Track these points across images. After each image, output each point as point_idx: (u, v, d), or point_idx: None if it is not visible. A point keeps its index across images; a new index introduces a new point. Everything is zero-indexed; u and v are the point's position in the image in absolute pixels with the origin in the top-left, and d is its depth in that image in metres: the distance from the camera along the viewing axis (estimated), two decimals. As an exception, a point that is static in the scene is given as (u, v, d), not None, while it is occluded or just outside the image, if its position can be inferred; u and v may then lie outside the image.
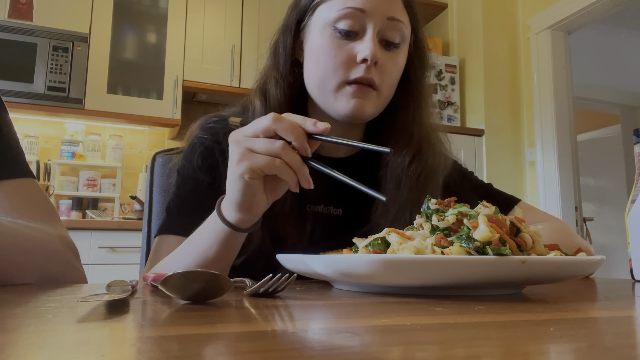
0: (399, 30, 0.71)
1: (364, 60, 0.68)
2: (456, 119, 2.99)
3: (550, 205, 2.70)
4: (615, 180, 4.66)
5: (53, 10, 2.50)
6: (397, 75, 0.74)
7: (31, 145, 2.61)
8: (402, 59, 0.74)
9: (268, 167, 0.52)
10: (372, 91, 0.70)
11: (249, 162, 0.53)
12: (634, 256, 0.69)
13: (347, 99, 0.70)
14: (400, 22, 0.71)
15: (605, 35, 3.87)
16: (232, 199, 0.56)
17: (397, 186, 0.75)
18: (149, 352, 0.22)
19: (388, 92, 0.74)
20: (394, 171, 0.76)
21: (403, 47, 0.74)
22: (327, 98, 0.72)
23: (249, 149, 0.53)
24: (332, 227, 0.76)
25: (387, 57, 0.71)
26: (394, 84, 0.74)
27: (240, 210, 0.57)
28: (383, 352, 0.23)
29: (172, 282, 0.38)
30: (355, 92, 0.70)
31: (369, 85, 0.70)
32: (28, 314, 0.33)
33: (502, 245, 0.43)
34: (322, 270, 0.47)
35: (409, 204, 0.74)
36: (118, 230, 2.30)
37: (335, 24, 0.70)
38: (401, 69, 0.75)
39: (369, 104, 0.71)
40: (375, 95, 0.71)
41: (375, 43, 0.69)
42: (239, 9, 2.86)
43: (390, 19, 0.70)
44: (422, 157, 0.76)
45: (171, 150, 1.02)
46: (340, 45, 0.70)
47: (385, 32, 0.71)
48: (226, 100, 2.90)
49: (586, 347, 0.25)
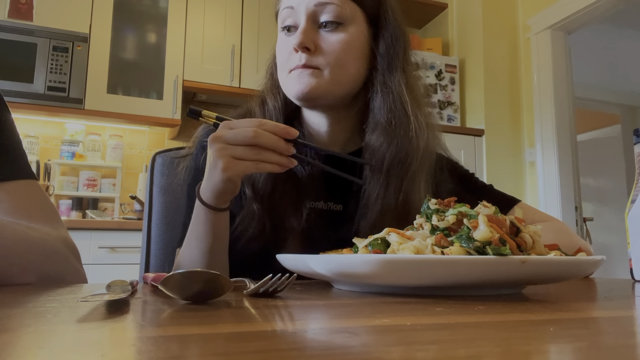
0: (332, 11, 0.74)
1: (295, 49, 0.73)
2: (456, 119, 2.99)
3: (550, 205, 2.70)
4: (615, 180, 4.66)
5: (53, 10, 2.50)
6: (342, 54, 0.74)
7: (31, 145, 2.61)
8: (348, 38, 0.74)
9: (251, 170, 0.61)
10: (314, 70, 0.73)
11: (234, 169, 0.60)
12: (634, 256, 0.69)
13: (293, 84, 0.75)
14: (330, 4, 0.73)
15: (605, 35, 3.87)
16: (216, 191, 0.63)
17: (372, 170, 0.75)
18: (149, 352, 0.22)
19: (336, 72, 0.74)
20: (370, 156, 0.76)
21: (349, 27, 0.74)
22: (285, 89, 0.78)
23: (232, 157, 0.60)
24: (333, 223, 0.77)
25: (325, 38, 0.74)
26: (342, 63, 0.74)
27: (219, 198, 0.64)
28: (383, 352, 0.23)
29: (172, 282, 0.38)
30: (297, 76, 0.74)
31: (311, 68, 0.73)
32: (28, 314, 0.33)
33: (502, 245, 0.43)
34: (322, 270, 0.47)
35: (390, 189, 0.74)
36: (118, 230, 2.30)
37: (281, 26, 0.78)
38: (349, 48, 0.74)
39: (313, 81, 0.73)
40: (319, 73, 0.73)
41: (303, 31, 0.73)
42: (239, 9, 2.86)
43: (318, 4, 0.73)
44: (392, 142, 0.75)
45: (171, 150, 1.02)
46: (284, 42, 0.77)
47: (319, 16, 0.74)
48: (226, 100, 2.91)
49: (586, 347, 0.25)
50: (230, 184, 0.62)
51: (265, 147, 0.60)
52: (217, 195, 0.63)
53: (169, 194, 0.98)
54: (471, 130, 2.88)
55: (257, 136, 0.59)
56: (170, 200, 0.98)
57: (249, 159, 0.60)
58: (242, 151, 0.60)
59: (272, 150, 0.60)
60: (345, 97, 0.77)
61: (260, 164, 0.60)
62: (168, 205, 0.98)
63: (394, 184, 0.74)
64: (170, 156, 1.01)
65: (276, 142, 0.60)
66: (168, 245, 0.95)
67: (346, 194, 0.78)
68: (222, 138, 0.61)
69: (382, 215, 0.72)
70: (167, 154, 1.02)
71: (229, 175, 0.60)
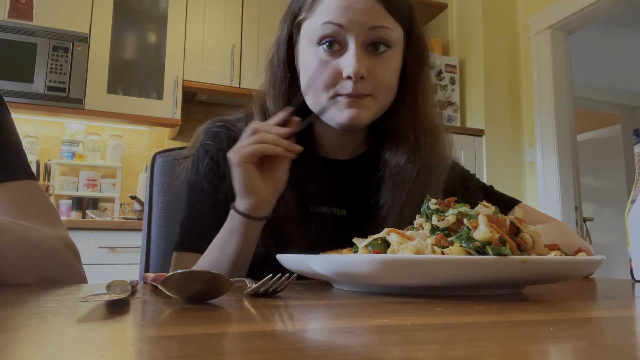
0: (384, 35, 0.70)
1: (349, 77, 0.69)
2: (456, 119, 2.99)
3: (550, 205, 2.70)
4: (615, 180, 4.66)
5: (53, 10, 2.50)
6: (391, 78, 0.73)
7: (31, 145, 2.61)
8: (395, 61, 0.73)
9: (254, 149, 0.63)
10: (365, 98, 0.71)
11: (239, 152, 0.64)
12: (634, 256, 0.69)
13: (341, 110, 0.71)
14: (384, 28, 0.70)
15: (605, 35, 3.87)
16: (238, 189, 0.65)
17: (395, 186, 0.75)
18: (149, 352, 0.22)
19: (384, 96, 0.73)
20: (392, 171, 0.76)
21: (395, 50, 0.73)
22: (320, 110, 0.73)
23: (239, 147, 0.64)
24: (336, 227, 0.77)
25: (376, 64, 0.71)
26: (390, 86, 0.73)
27: (247, 196, 0.65)
28: (383, 352, 0.23)
29: (172, 282, 0.38)
30: (348, 103, 0.70)
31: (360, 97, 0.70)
32: (28, 314, 0.33)
33: (502, 245, 0.43)
34: (322, 270, 0.47)
35: (410, 203, 0.73)
36: (118, 230, 2.30)
37: (318, 41, 0.71)
38: (395, 71, 0.74)
39: (363, 112, 0.71)
40: (369, 100, 0.71)
41: (358, 57, 0.68)
42: (239, 9, 2.86)
43: (372, 28, 0.69)
44: (418, 157, 0.76)
45: (171, 150, 1.02)
46: (325, 61, 0.71)
47: (370, 40, 0.70)
48: (226, 100, 2.90)
49: (586, 347, 0.25)
50: (244, 171, 0.63)
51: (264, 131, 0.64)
52: (242, 191, 0.65)
53: (169, 194, 0.98)
54: (471, 130, 2.88)
55: (255, 126, 0.65)
56: (170, 200, 0.98)
57: (249, 144, 0.63)
58: (244, 141, 0.64)
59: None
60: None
61: (259, 144, 0.63)
62: (168, 205, 0.98)
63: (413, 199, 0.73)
64: (171, 157, 1.01)
65: (271, 127, 0.65)
66: (168, 245, 0.95)
67: (350, 199, 0.78)
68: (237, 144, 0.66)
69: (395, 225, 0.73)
70: (167, 154, 1.02)
71: (236, 160, 0.63)
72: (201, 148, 0.79)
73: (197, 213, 0.77)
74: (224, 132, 0.79)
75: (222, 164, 0.76)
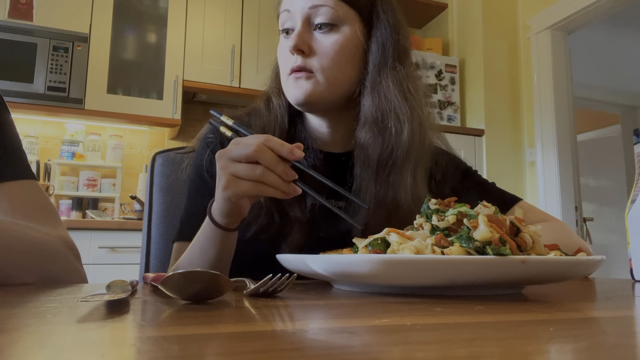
0: (326, 13, 0.74)
1: (291, 52, 0.74)
2: (456, 119, 2.99)
3: (550, 205, 2.70)
4: (615, 180, 4.66)
5: (53, 10, 2.50)
6: (336, 54, 0.75)
7: (31, 145, 2.61)
8: (341, 39, 0.75)
9: (251, 191, 0.59)
10: (309, 74, 0.74)
11: (234, 188, 0.59)
12: (634, 256, 0.69)
13: (291, 88, 0.76)
14: (324, 7, 0.74)
15: (605, 35, 3.87)
16: (221, 210, 0.63)
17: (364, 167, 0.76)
18: (149, 352, 0.22)
19: (331, 74, 0.75)
20: (359, 152, 0.77)
21: (342, 29, 0.75)
22: (285, 93, 0.79)
23: (233, 175, 0.58)
24: (336, 220, 0.77)
25: (319, 40, 0.75)
26: (336, 63, 0.75)
27: (228, 218, 0.64)
28: (383, 352, 0.23)
29: (172, 282, 0.38)
30: (294, 80, 0.75)
31: (304, 71, 0.74)
32: (28, 314, 0.33)
33: (502, 245, 0.43)
34: (322, 270, 0.47)
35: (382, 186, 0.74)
36: (118, 230, 2.30)
37: (281, 30, 0.79)
38: (342, 49, 0.75)
39: (309, 86, 0.74)
40: (314, 77, 0.74)
41: (298, 34, 0.74)
42: (239, 9, 2.86)
43: (312, 7, 0.74)
44: (386, 139, 0.75)
45: (171, 150, 1.02)
46: (283, 44, 0.78)
47: (314, 19, 0.75)
48: (226, 100, 2.90)
49: (586, 347, 0.25)
50: (232, 205, 0.61)
51: (265, 165, 0.57)
52: (222, 214, 0.63)
53: (169, 194, 0.99)
54: (471, 130, 2.88)
55: (259, 151, 0.57)
56: (170, 200, 0.98)
57: (249, 179, 0.57)
58: (244, 170, 0.57)
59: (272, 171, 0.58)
60: (342, 98, 0.78)
61: (261, 185, 0.58)
62: (168, 205, 0.98)
63: (382, 180, 0.75)
64: (175, 152, 1.01)
65: (276, 163, 0.57)
66: (168, 245, 0.95)
67: (348, 190, 0.78)
68: (227, 154, 0.59)
69: (374, 211, 0.73)
70: (167, 154, 1.02)
71: (229, 194, 0.59)
72: (203, 142, 0.82)
73: (195, 203, 0.78)
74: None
75: None
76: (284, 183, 0.58)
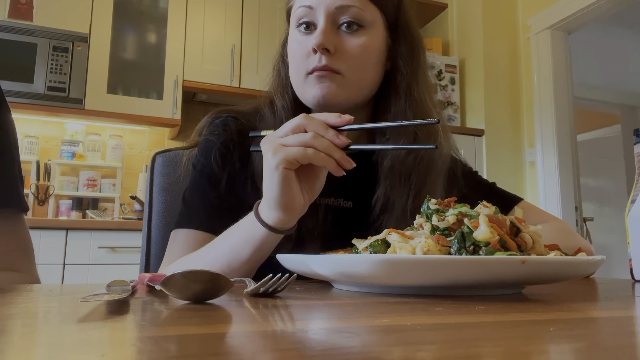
0: (353, 14, 0.72)
1: (314, 50, 0.71)
2: (456, 119, 2.99)
3: (550, 205, 2.70)
4: (615, 180, 4.66)
5: (53, 10, 2.50)
6: (362, 56, 0.73)
7: (31, 145, 2.61)
8: (369, 41, 0.73)
9: (301, 156, 0.54)
10: (334, 75, 0.71)
11: (282, 153, 0.54)
12: (634, 256, 0.69)
13: (312, 87, 0.72)
14: (352, 7, 0.71)
15: (605, 35, 3.87)
16: (270, 198, 0.57)
17: (393, 178, 0.74)
18: (149, 352, 0.22)
19: (356, 76, 0.73)
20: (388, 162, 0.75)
21: (370, 31, 0.73)
22: (300, 92, 0.75)
23: (281, 144, 0.55)
24: (342, 219, 0.76)
25: (346, 42, 0.72)
26: (362, 65, 0.73)
27: (279, 209, 0.58)
28: (383, 352, 0.23)
29: (172, 282, 0.38)
30: (317, 79, 0.71)
31: (329, 71, 0.71)
32: (28, 314, 0.33)
33: (500, 249, 0.43)
34: (322, 270, 0.47)
35: (411, 195, 0.73)
36: (118, 230, 2.30)
37: (296, 25, 0.75)
38: (369, 51, 0.73)
39: (333, 88, 0.71)
40: (340, 78, 0.71)
41: (323, 31, 0.70)
42: (239, 9, 2.86)
43: (339, 7, 0.71)
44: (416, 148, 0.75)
45: (171, 150, 1.02)
46: (301, 41, 0.74)
47: (339, 19, 0.72)
48: (226, 100, 2.90)
49: (586, 347, 0.25)
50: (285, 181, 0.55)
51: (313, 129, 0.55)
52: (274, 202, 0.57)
53: (169, 194, 0.98)
54: (471, 130, 2.88)
55: (305, 117, 0.55)
56: (170, 200, 0.98)
57: (298, 144, 0.54)
58: (292, 137, 0.55)
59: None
60: (361, 101, 0.76)
61: (312, 151, 0.54)
62: (168, 205, 0.98)
63: (415, 191, 0.73)
64: (175, 151, 1.01)
65: (325, 128, 0.55)
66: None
67: (356, 191, 0.78)
68: (272, 135, 0.57)
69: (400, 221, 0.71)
70: (167, 154, 1.02)
71: (277, 161, 0.54)
72: (212, 135, 0.79)
73: (201, 192, 0.75)
74: (231, 121, 0.79)
75: (232, 151, 0.76)
76: (336, 149, 0.55)
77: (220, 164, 0.76)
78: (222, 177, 0.75)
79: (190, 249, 0.71)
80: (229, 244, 0.63)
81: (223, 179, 0.75)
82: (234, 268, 0.62)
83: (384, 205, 0.74)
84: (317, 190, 0.61)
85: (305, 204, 0.60)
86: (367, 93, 0.76)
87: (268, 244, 0.61)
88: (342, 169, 0.57)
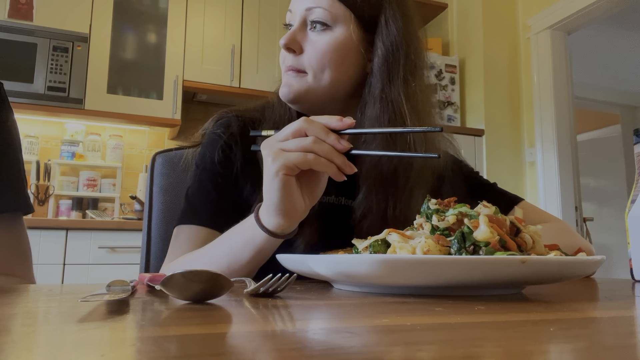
0: (318, 14, 0.74)
1: (283, 49, 0.75)
2: (456, 119, 2.99)
3: (550, 205, 2.70)
4: (615, 180, 4.66)
5: (53, 10, 2.50)
6: (327, 55, 0.73)
7: (31, 145, 2.61)
8: (332, 39, 0.74)
9: (301, 162, 0.54)
10: (299, 73, 0.75)
11: (282, 159, 0.54)
12: (634, 256, 0.69)
13: (282, 85, 0.77)
14: (318, 8, 0.74)
15: (605, 35, 3.87)
16: (270, 203, 0.57)
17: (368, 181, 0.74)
18: (149, 352, 0.22)
19: (321, 73, 0.74)
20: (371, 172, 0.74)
21: (335, 30, 0.74)
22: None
23: (281, 149, 0.55)
24: (343, 217, 0.76)
25: (311, 40, 0.75)
26: (327, 63, 0.74)
27: (279, 215, 0.57)
28: (383, 352, 0.23)
29: (172, 282, 0.38)
30: (285, 77, 0.76)
31: (295, 70, 0.75)
32: (28, 314, 0.33)
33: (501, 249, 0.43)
34: (322, 270, 0.47)
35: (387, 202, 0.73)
36: (118, 230, 2.30)
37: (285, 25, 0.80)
38: (333, 48, 0.74)
39: (297, 85, 0.75)
40: (305, 77, 0.75)
41: (291, 32, 0.75)
42: (239, 9, 2.86)
43: (307, 9, 0.75)
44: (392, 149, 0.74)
45: (171, 150, 1.02)
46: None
47: (310, 19, 0.75)
48: (226, 101, 2.90)
49: (586, 347, 0.25)
50: (285, 187, 0.55)
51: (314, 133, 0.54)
52: (274, 207, 0.56)
53: (169, 194, 0.98)
54: (471, 130, 2.88)
55: (306, 121, 0.55)
56: (170, 200, 0.98)
57: (298, 149, 0.54)
58: (292, 142, 0.54)
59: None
60: (337, 100, 0.77)
61: (312, 156, 0.53)
62: (168, 205, 0.98)
63: (390, 199, 0.72)
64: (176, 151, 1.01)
65: (327, 132, 0.54)
66: (168, 245, 0.95)
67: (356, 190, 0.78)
68: (272, 138, 0.57)
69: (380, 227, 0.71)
70: (167, 154, 1.02)
71: (277, 167, 0.54)
72: (215, 135, 0.80)
73: (204, 189, 0.76)
74: (234, 120, 0.80)
75: (235, 150, 0.77)
76: (337, 154, 0.55)
77: (224, 162, 0.77)
78: (225, 174, 0.76)
79: (194, 245, 0.71)
80: (229, 246, 0.63)
81: (226, 176, 0.76)
82: (234, 270, 0.63)
83: (363, 212, 0.73)
84: (318, 194, 0.61)
85: (306, 209, 0.59)
86: (340, 92, 0.76)
87: (268, 248, 0.61)
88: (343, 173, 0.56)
